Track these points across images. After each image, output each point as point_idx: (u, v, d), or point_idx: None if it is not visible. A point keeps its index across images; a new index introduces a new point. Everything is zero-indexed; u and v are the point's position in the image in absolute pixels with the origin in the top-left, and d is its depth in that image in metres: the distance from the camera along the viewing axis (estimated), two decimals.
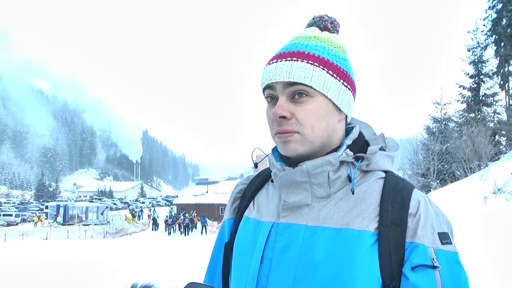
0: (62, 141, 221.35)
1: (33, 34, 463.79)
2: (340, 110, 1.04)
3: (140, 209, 57.46)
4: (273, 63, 1.02)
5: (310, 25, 1.11)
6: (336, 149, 1.05)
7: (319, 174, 1.01)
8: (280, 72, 0.99)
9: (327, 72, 1.00)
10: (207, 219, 36.16)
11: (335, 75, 1.01)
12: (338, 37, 1.10)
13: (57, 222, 44.50)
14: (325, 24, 1.09)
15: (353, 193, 1.00)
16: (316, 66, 0.99)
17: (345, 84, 1.03)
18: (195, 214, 37.17)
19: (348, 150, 1.04)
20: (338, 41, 1.08)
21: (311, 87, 0.98)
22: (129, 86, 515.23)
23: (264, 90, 1.06)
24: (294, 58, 1.00)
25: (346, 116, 1.08)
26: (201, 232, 34.39)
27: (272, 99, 1.04)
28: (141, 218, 47.60)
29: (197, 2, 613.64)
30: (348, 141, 1.06)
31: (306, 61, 0.99)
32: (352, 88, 1.06)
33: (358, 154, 1.04)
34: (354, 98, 1.08)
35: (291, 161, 1.06)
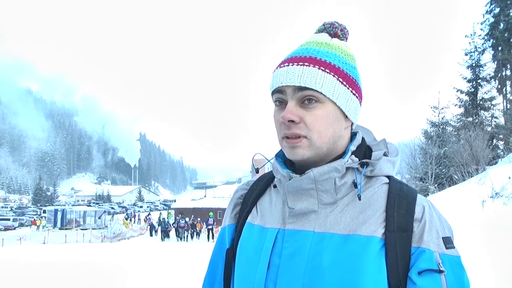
0: (59, 145, 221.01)
1: (23, 34, 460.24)
2: (346, 117, 1.06)
3: (148, 213, 57.42)
4: (284, 66, 1.03)
5: (320, 31, 1.12)
6: (341, 156, 1.06)
7: (325, 181, 1.02)
8: (291, 76, 1.00)
9: (338, 79, 1.01)
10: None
11: (344, 83, 1.02)
12: (348, 44, 1.12)
13: (43, 226, 44.66)
14: (335, 31, 1.10)
15: (359, 199, 1.01)
16: (327, 72, 1.00)
17: (353, 92, 1.05)
18: (199, 219, 35.26)
19: (353, 156, 1.05)
20: (348, 49, 1.09)
21: (321, 93, 1.00)
22: (127, 88, 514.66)
23: (273, 93, 1.06)
24: (306, 63, 1.01)
25: (352, 123, 1.10)
26: (208, 238, 31.76)
27: (281, 103, 1.04)
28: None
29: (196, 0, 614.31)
30: (353, 147, 1.07)
31: (317, 67, 1.00)
32: (359, 96, 1.08)
33: (364, 160, 1.06)
34: (361, 106, 1.10)
35: (297, 168, 1.08)
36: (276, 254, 1.04)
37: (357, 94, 1.06)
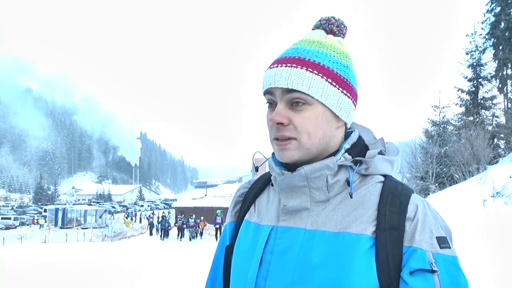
0: (60, 144, 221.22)
1: (23, 34, 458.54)
2: (338, 117, 1.04)
3: (152, 212, 57.38)
4: (273, 67, 1.03)
5: (316, 27, 1.11)
6: (334, 153, 1.05)
7: (317, 178, 1.02)
8: (279, 78, 1.00)
9: (326, 80, 1.00)
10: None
11: (334, 83, 1.01)
12: (343, 41, 1.10)
13: (41, 225, 44.77)
14: (331, 27, 1.08)
15: (351, 197, 1.00)
16: (315, 74, 0.99)
17: (345, 92, 1.03)
18: (202, 218, 33.10)
19: (346, 154, 1.05)
20: (342, 47, 1.07)
21: (309, 95, 0.99)
22: (127, 88, 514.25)
23: (264, 94, 1.06)
24: (294, 65, 1.00)
25: (346, 123, 1.09)
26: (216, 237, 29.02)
27: (272, 104, 1.05)
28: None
29: (198, 0, 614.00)
30: (347, 145, 1.06)
31: (305, 68, 0.99)
32: (352, 96, 1.06)
33: (357, 158, 1.05)
34: (355, 105, 1.08)
35: (290, 165, 1.07)
36: (269, 251, 1.04)
37: (348, 94, 1.04)
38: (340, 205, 1.02)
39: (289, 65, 1.00)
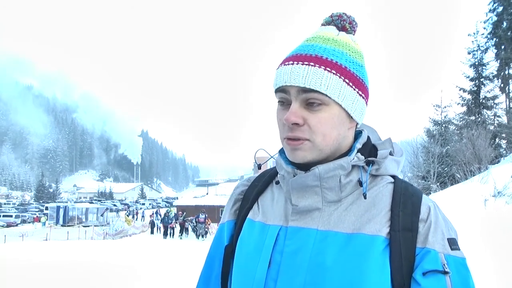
0: (62, 142, 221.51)
1: (22, 32, 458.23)
2: (351, 117, 1.02)
3: (156, 209, 57.22)
4: (288, 64, 0.98)
5: (327, 23, 1.06)
6: (346, 154, 1.04)
7: (331, 178, 1.00)
8: (295, 76, 0.95)
9: (344, 81, 0.97)
10: None
11: (351, 84, 0.98)
12: (356, 39, 1.07)
13: (43, 223, 44.84)
14: (343, 24, 1.05)
15: (365, 197, 0.99)
16: (333, 73, 0.96)
17: (360, 92, 1.01)
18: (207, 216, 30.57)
19: (359, 154, 1.03)
20: (356, 45, 1.04)
21: (326, 95, 0.95)
22: (129, 87, 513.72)
23: (276, 91, 1.02)
24: (312, 63, 0.96)
25: (357, 123, 1.07)
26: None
27: (284, 103, 1.01)
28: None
29: (199, 0, 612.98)
30: (359, 145, 1.05)
31: (323, 67, 0.95)
32: (366, 96, 1.04)
33: (369, 159, 1.04)
34: (366, 105, 1.06)
35: (301, 164, 1.05)
36: (278, 252, 1.01)
37: (363, 95, 1.02)
38: (352, 206, 1.01)
39: (306, 63, 0.96)
